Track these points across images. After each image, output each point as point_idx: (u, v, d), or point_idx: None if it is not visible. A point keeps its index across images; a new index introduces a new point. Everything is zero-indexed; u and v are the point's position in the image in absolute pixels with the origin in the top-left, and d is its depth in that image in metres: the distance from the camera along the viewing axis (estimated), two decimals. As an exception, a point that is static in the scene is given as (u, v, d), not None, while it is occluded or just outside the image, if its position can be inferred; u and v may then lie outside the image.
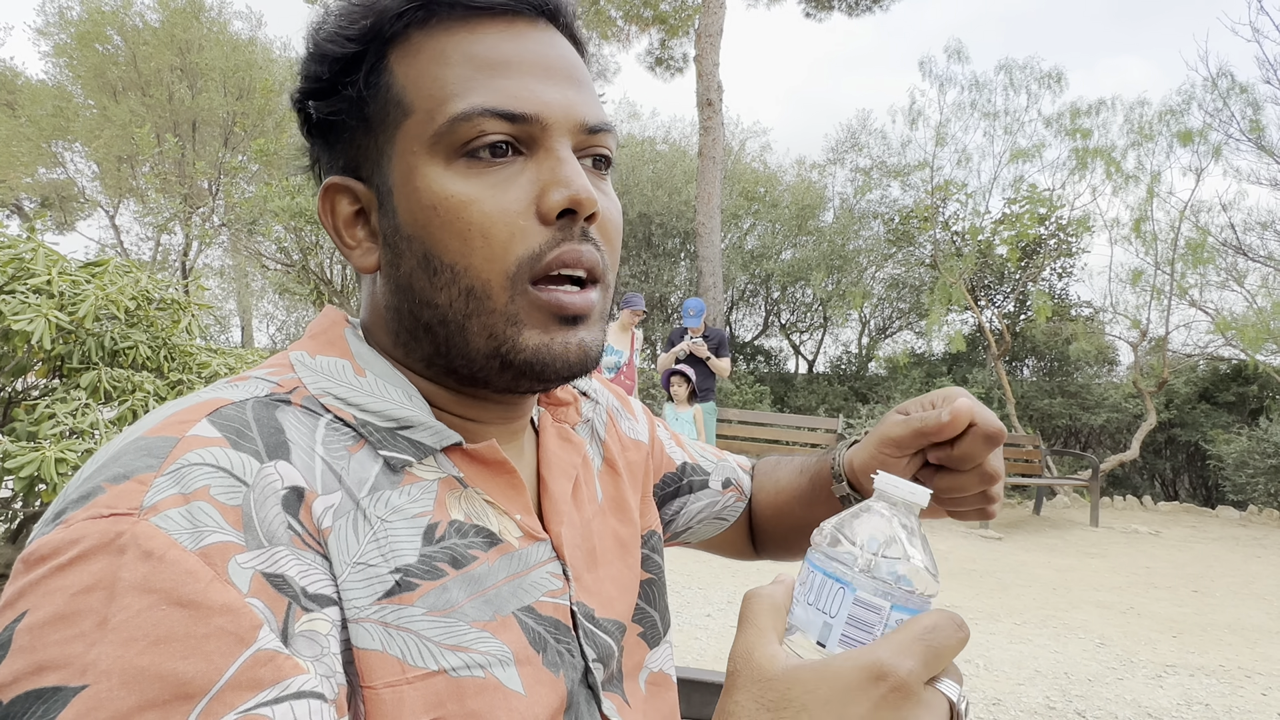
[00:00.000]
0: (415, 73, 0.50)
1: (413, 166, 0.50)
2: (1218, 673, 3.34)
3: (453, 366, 0.53)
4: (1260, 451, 8.31)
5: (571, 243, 0.50)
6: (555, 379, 0.52)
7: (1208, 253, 8.99)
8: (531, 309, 0.50)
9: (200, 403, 0.46)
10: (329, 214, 0.54)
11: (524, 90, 0.49)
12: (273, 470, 0.44)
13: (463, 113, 0.48)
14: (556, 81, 0.51)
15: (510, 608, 0.52)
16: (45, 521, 0.41)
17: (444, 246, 0.49)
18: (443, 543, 0.50)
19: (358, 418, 0.50)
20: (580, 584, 0.58)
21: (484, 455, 0.54)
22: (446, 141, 0.49)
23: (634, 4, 12.39)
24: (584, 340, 0.52)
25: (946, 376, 10.54)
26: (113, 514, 0.38)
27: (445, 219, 0.49)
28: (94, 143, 14.61)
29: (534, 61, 0.51)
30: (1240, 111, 8.97)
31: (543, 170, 0.50)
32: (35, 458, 1.78)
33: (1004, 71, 10.22)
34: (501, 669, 0.49)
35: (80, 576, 0.36)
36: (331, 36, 0.52)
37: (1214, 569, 5.62)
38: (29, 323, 1.87)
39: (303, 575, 0.42)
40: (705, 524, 0.84)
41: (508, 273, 0.49)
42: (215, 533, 0.39)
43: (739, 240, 13.07)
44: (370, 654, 0.44)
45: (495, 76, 0.49)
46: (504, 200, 0.49)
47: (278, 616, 0.40)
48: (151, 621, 0.36)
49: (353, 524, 0.46)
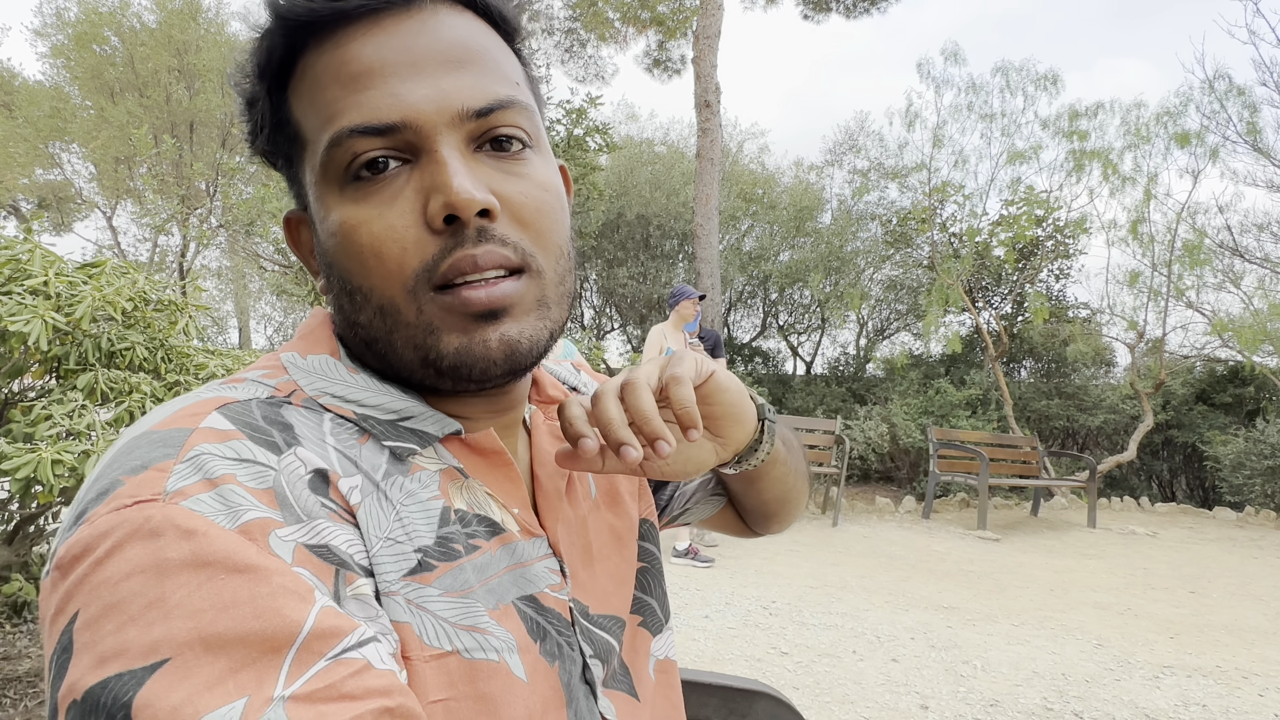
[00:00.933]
0: (303, 103, 0.50)
1: (318, 197, 0.50)
2: (1215, 674, 3.34)
3: (398, 375, 0.53)
4: (1257, 453, 8.33)
5: (464, 248, 0.47)
6: (485, 377, 0.50)
7: (1204, 254, 9.01)
8: (443, 314, 0.48)
9: (206, 399, 0.46)
10: (296, 244, 0.57)
11: (387, 98, 0.47)
12: (293, 457, 0.44)
13: (333, 138, 0.47)
14: (427, 74, 0.48)
15: (510, 596, 0.52)
16: (67, 526, 0.40)
17: (350, 271, 0.49)
18: (451, 528, 0.50)
19: (358, 413, 0.50)
20: (576, 581, 0.58)
21: (482, 444, 0.54)
22: (331, 169, 0.48)
23: (631, 6, 12.39)
24: (507, 334, 0.49)
25: (944, 378, 10.54)
26: (137, 502, 0.38)
27: (344, 245, 0.49)
28: (91, 144, 14.58)
29: (398, 60, 0.48)
30: (1237, 114, 9.01)
31: (424, 177, 0.48)
32: (32, 459, 1.77)
33: (1000, 74, 10.25)
34: (509, 654, 0.49)
35: (120, 565, 0.36)
36: (237, 80, 0.53)
37: (1211, 570, 5.63)
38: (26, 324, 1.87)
39: (348, 544, 0.43)
40: (701, 503, 0.84)
41: (406, 286, 0.48)
42: (251, 510, 0.39)
43: (737, 242, 13.07)
44: (401, 625, 0.45)
45: (359, 89, 0.47)
46: (389, 216, 0.47)
47: (327, 584, 0.40)
48: (214, 591, 0.36)
49: (378, 501, 0.47)
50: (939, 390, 10.00)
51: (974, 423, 9.38)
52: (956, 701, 2.91)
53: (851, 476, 10.06)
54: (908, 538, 6.52)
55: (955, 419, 9.44)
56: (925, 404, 9.80)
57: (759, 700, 0.95)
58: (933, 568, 5.39)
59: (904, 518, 7.53)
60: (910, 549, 6.03)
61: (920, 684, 3.08)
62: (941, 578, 5.07)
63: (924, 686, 3.05)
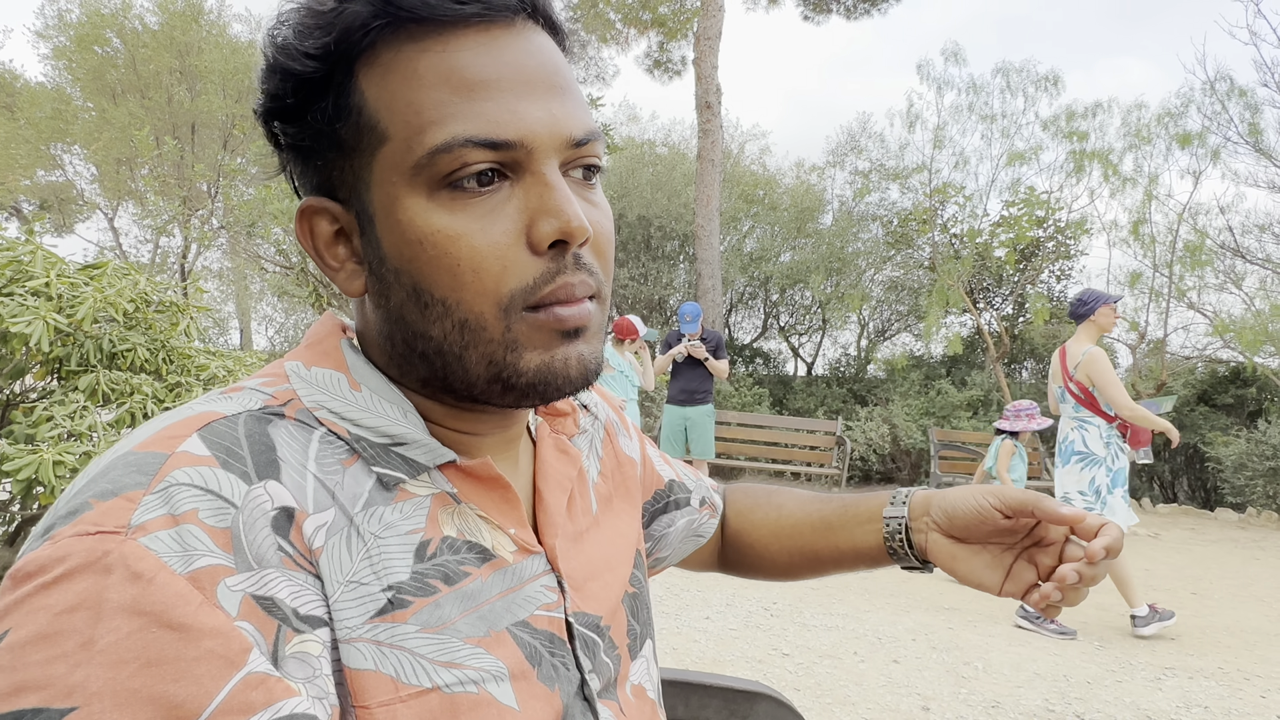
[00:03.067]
0: (388, 95, 0.47)
1: (394, 197, 0.47)
2: (1216, 675, 3.33)
3: (452, 389, 0.52)
4: (1259, 454, 8.31)
5: (565, 275, 0.48)
6: (558, 395, 0.51)
7: (1206, 255, 9.00)
8: (531, 331, 0.49)
9: (192, 416, 0.46)
10: (308, 235, 0.52)
11: (505, 113, 0.46)
12: (262, 491, 0.44)
13: (444, 144, 0.45)
14: (539, 95, 0.48)
15: (504, 623, 0.52)
16: (35, 536, 0.40)
17: (433, 281, 0.47)
18: (435, 559, 0.50)
19: (352, 432, 0.50)
20: (580, 595, 0.58)
21: (478, 472, 0.54)
22: (428, 173, 0.46)
23: (632, 7, 12.41)
24: (583, 354, 0.50)
25: (945, 379, 10.53)
26: (99, 531, 0.38)
27: (433, 254, 0.47)
28: (93, 145, 14.60)
29: (513, 76, 0.47)
30: (1238, 114, 9.00)
31: (530, 197, 0.47)
32: (33, 460, 1.78)
33: (1001, 74, 10.24)
34: (495, 684, 0.49)
35: (64, 596, 0.36)
36: (291, 52, 0.47)
37: (1212, 571, 5.62)
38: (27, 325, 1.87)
39: (293, 597, 0.42)
40: (685, 541, 0.85)
41: (501, 304, 0.47)
42: (205, 556, 0.39)
43: (738, 243, 13.07)
44: (363, 674, 0.44)
45: (474, 99, 0.46)
46: (493, 233, 0.47)
47: (268, 639, 0.40)
48: (142, 644, 0.36)
49: (346, 541, 0.46)
50: (940, 391, 9.99)
51: (975, 424, 9.37)
52: (958, 703, 2.91)
53: (853, 478, 10.04)
54: (909, 539, 6.50)
55: (956, 420, 9.43)
56: (926, 405, 9.80)
57: (760, 702, 0.95)
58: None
59: (905, 519, 7.52)
60: (911, 550, 6.01)
61: (922, 685, 3.07)
62: (942, 578, 5.06)
63: (925, 688, 3.05)
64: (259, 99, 0.51)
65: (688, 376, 6.35)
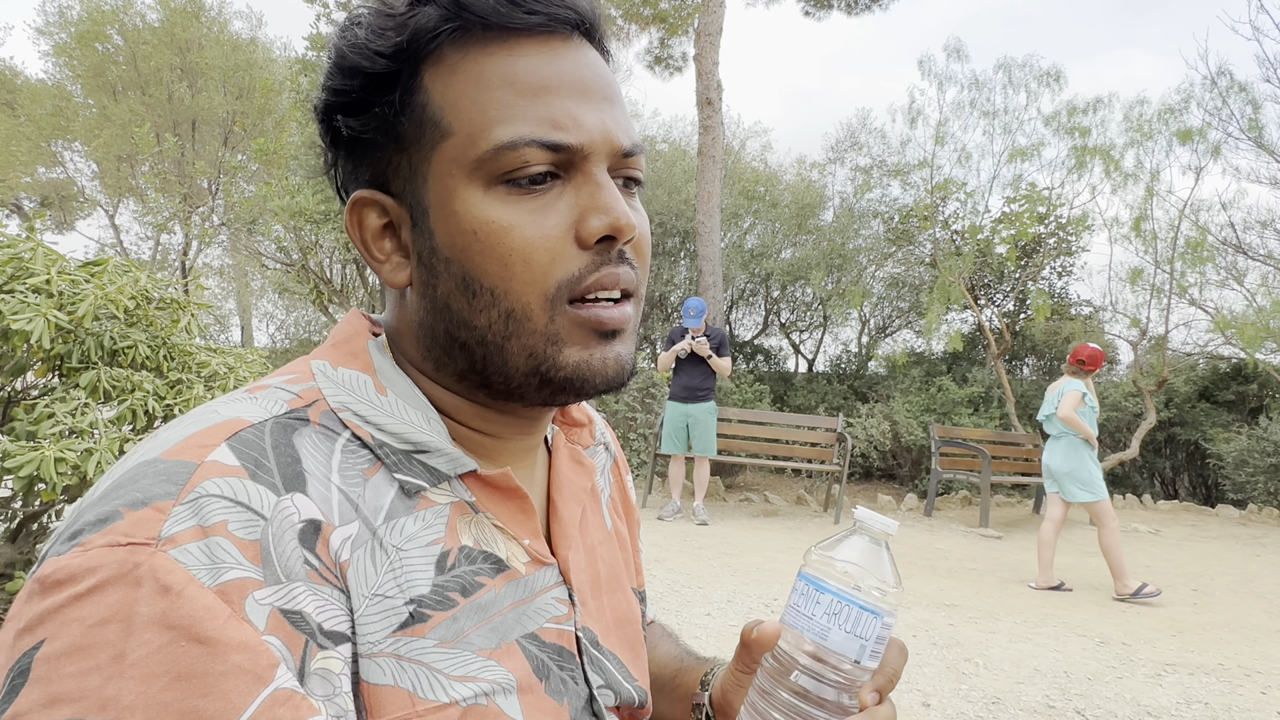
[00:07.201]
0: (453, 94, 0.49)
1: (451, 189, 0.50)
2: (1217, 671, 3.34)
3: (488, 382, 0.53)
4: (1260, 450, 8.32)
5: (609, 266, 0.51)
6: (594, 392, 0.53)
7: (1207, 251, 9.00)
8: (572, 327, 0.51)
9: (221, 423, 0.46)
10: (356, 227, 0.54)
11: (566, 118, 0.49)
12: (289, 503, 0.44)
13: (508, 142, 0.48)
14: (594, 104, 0.51)
15: (515, 635, 0.52)
16: (61, 539, 0.41)
17: (483, 270, 0.49)
18: (453, 571, 0.50)
19: (375, 437, 0.50)
20: (586, 609, 0.59)
21: (498, 483, 0.54)
22: (488, 168, 0.49)
23: (633, 2, 12.37)
24: (620, 354, 0.53)
25: (946, 375, 10.53)
26: (130, 543, 0.38)
27: (486, 244, 0.49)
28: (93, 142, 14.60)
29: (572, 84, 0.50)
30: (1240, 110, 8.98)
31: (581, 195, 0.50)
32: (35, 457, 1.78)
33: (1003, 70, 10.23)
34: (503, 697, 0.49)
35: (97, 608, 0.37)
36: (362, 51, 0.50)
37: (1213, 568, 5.63)
38: (28, 322, 1.87)
39: (320, 611, 0.43)
40: None
41: (547, 295, 0.50)
42: (233, 569, 0.40)
43: (739, 239, 13.05)
44: (381, 689, 0.45)
45: (536, 102, 0.49)
46: (544, 226, 0.49)
47: (295, 654, 0.40)
48: (172, 657, 0.36)
49: (370, 555, 0.47)
50: (941, 388, 9.99)
51: (976, 420, 9.38)
52: (958, 699, 2.92)
53: (853, 474, 10.05)
54: (910, 535, 6.51)
55: (957, 416, 9.44)
56: (927, 401, 9.80)
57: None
58: (935, 565, 5.39)
59: (906, 515, 7.53)
60: (912, 546, 6.02)
61: (922, 681, 3.08)
62: (943, 575, 5.07)
63: (926, 684, 3.05)
64: (320, 95, 0.53)
65: (690, 373, 6.34)
